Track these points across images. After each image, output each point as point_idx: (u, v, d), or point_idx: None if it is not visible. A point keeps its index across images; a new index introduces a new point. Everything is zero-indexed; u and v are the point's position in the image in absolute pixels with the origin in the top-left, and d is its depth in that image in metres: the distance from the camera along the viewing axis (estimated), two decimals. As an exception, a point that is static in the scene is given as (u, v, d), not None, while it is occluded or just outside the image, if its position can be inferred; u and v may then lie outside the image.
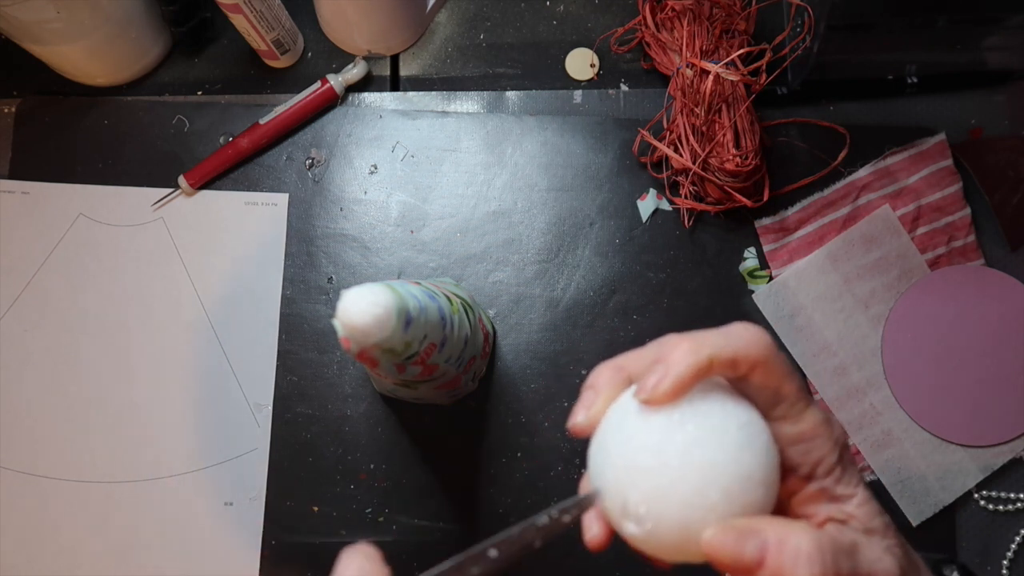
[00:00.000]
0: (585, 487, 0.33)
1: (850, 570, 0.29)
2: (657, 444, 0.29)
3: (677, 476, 0.29)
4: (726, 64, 0.59)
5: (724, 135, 0.60)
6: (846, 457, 0.32)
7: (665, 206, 0.66)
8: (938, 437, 0.63)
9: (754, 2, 0.65)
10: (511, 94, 0.69)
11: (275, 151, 0.67)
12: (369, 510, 0.62)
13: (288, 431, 0.63)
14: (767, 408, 0.32)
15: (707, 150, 0.61)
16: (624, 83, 0.69)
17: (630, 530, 0.30)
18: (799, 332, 0.64)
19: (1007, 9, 0.60)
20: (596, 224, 0.66)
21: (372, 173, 0.67)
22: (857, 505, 0.31)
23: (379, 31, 0.67)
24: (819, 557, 0.28)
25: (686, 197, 0.64)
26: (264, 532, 0.62)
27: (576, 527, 0.31)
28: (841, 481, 0.32)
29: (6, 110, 0.67)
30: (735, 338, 0.31)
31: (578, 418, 0.32)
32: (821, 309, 0.64)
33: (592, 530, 0.31)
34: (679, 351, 0.30)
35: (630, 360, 0.33)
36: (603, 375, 0.33)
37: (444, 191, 0.66)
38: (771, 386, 0.31)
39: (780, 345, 0.64)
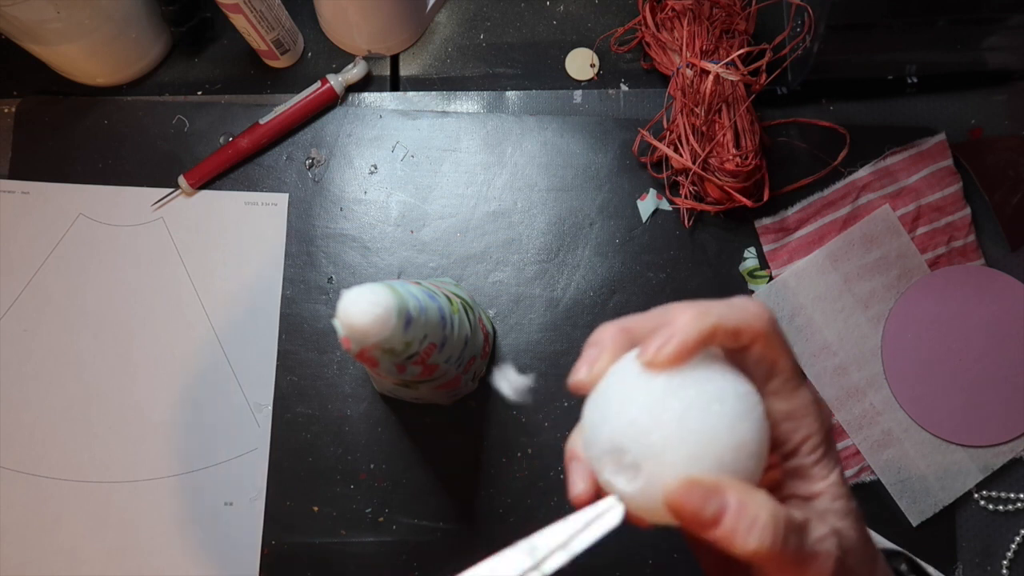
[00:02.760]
0: (573, 441, 0.33)
1: (797, 548, 0.29)
2: (657, 405, 0.30)
3: (674, 439, 0.29)
4: (726, 64, 0.60)
5: (724, 135, 0.60)
6: (830, 439, 0.33)
7: (665, 206, 0.66)
8: (938, 437, 0.63)
9: (754, 2, 0.65)
10: (511, 94, 0.69)
11: (275, 151, 0.67)
12: (369, 510, 0.62)
13: (288, 431, 0.63)
14: (762, 382, 0.32)
15: (707, 150, 0.61)
16: (624, 83, 0.69)
17: (620, 486, 0.30)
18: (799, 332, 0.64)
19: (1007, 9, 0.60)
20: (596, 224, 0.66)
21: (372, 173, 0.67)
22: (827, 485, 0.32)
23: (379, 31, 0.67)
24: (771, 530, 0.28)
25: (686, 197, 0.64)
26: (264, 532, 0.62)
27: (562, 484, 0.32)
28: (820, 462, 0.32)
29: (6, 110, 0.67)
30: (739, 309, 0.31)
31: (580, 374, 0.32)
32: (821, 309, 0.64)
33: (578, 486, 0.32)
34: (685, 316, 0.30)
35: (635, 322, 0.33)
36: (607, 332, 0.33)
37: (444, 191, 0.66)
38: (769, 360, 0.32)
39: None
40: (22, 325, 0.64)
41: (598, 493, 0.31)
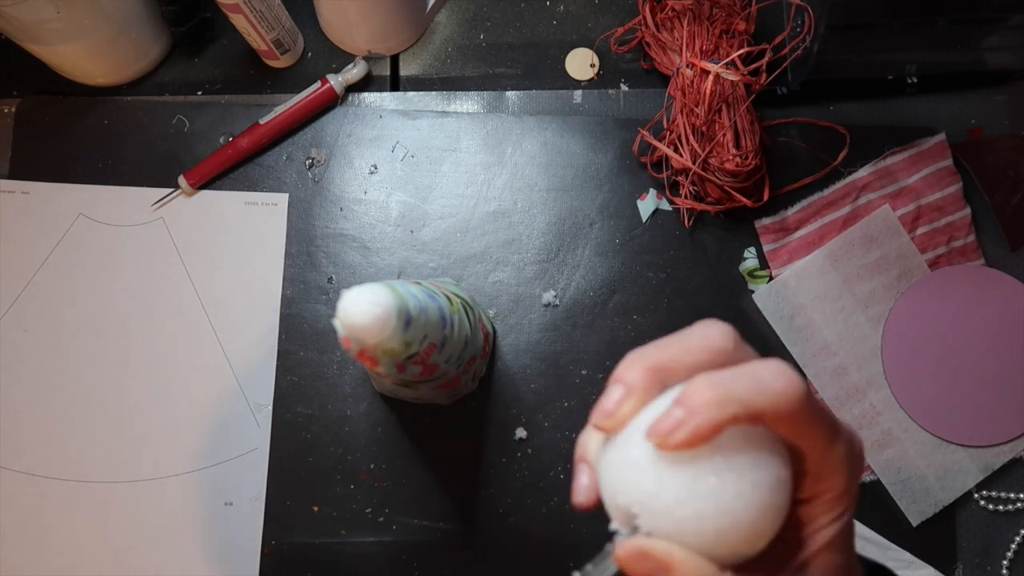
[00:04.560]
0: (583, 443, 0.31)
1: None
2: (674, 485, 0.28)
3: (683, 526, 0.28)
4: (726, 64, 0.60)
5: (724, 135, 0.60)
6: (852, 492, 0.30)
7: (665, 206, 0.66)
8: (938, 437, 0.63)
9: (754, 2, 0.65)
10: (511, 94, 0.69)
11: (275, 151, 0.67)
12: (369, 510, 0.62)
13: (288, 431, 0.63)
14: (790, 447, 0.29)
15: (707, 150, 0.61)
16: (624, 83, 0.69)
17: (624, 532, 0.29)
18: (799, 332, 0.64)
19: (1007, 9, 0.60)
20: (596, 224, 0.66)
21: (372, 173, 0.67)
22: (822, 535, 0.29)
23: (379, 31, 0.67)
24: None
25: (686, 197, 0.64)
26: (264, 532, 0.62)
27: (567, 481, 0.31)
28: (828, 512, 0.29)
29: (6, 110, 0.67)
30: (765, 389, 0.27)
31: (601, 419, 0.29)
32: (821, 309, 0.64)
33: (580, 494, 0.30)
34: (703, 396, 0.26)
35: (665, 357, 0.29)
36: (635, 372, 0.29)
37: (444, 191, 0.66)
38: (796, 441, 0.28)
39: (779, 345, 0.64)
40: (22, 325, 0.64)
41: (599, 501, 0.30)
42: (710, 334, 0.29)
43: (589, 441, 0.31)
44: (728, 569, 0.28)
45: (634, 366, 0.29)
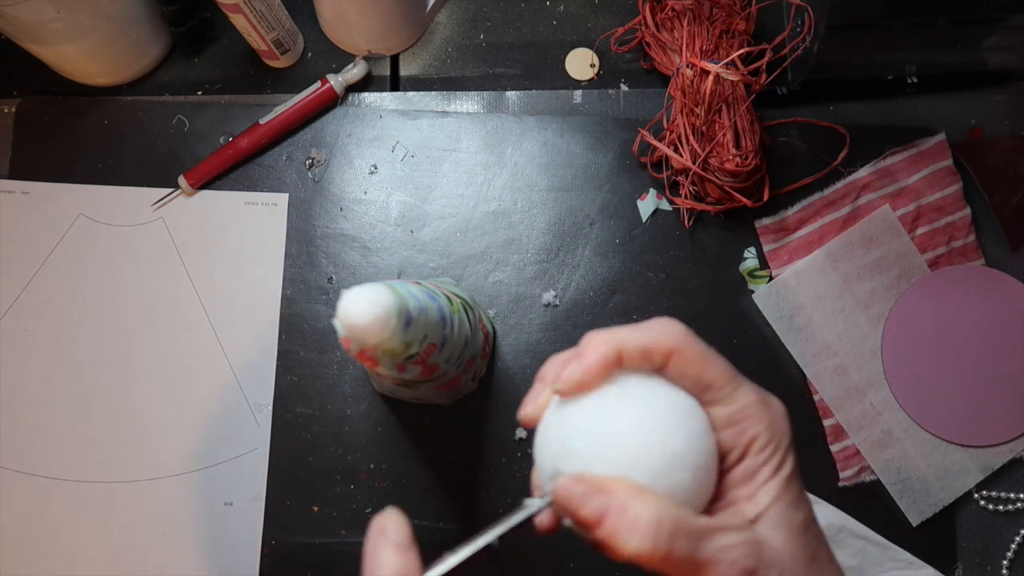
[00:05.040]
0: (544, 369, 0.35)
1: (687, 553, 0.29)
2: (587, 427, 0.31)
3: (605, 458, 0.30)
4: (726, 64, 0.59)
5: (724, 135, 0.60)
6: (780, 440, 0.32)
7: (665, 206, 0.66)
8: (938, 437, 0.63)
9: (754, 2, 0.65)
10: (511, 94, 0.69)
11: (275, 151, 0.67)
12: (369, 510, 0.62)
13: (288, 431, 0.63)
14: (697, 395, 0.33)
15: (707, 150, 0.61)
16: (624, 83, 0.69)
17: (548, 489, 0.32)
18: (799, 332, 0.64)
19: (1007, 9, 0.60)
20: (596, 224, 0.66)
21: (372, 173, 0.67)
22: (768, 489, 0.31)
23: (379, 31, 0.67)
24: (653, 531, 0.28)
25: (686, 197, 0.64)
26: (264, 532, 0.62)
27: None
28: (767, 463, 0.32)
29: (6, 110, 0.67)
30: (646, 330, 0.33)
31: (526, 410, 0.35)
32: (821, 309, 0.64)
33: (527, 407, 0.35)
34: (592, 344, 0.32)
35: (567, 353, 0.34)
36: (549, 367, 0.35)
37: (444, 191, 0.66)
38: (690, 374, 0.33)
39: (779, 345, 0.64)
40: (22, 325, 0.64)
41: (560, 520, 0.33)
42: (662, 323, 0.33)
43: (552, 364, 0.35)
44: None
45: (548, 363, 0.35)
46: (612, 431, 0.31)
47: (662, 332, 0.32)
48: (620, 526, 0.28)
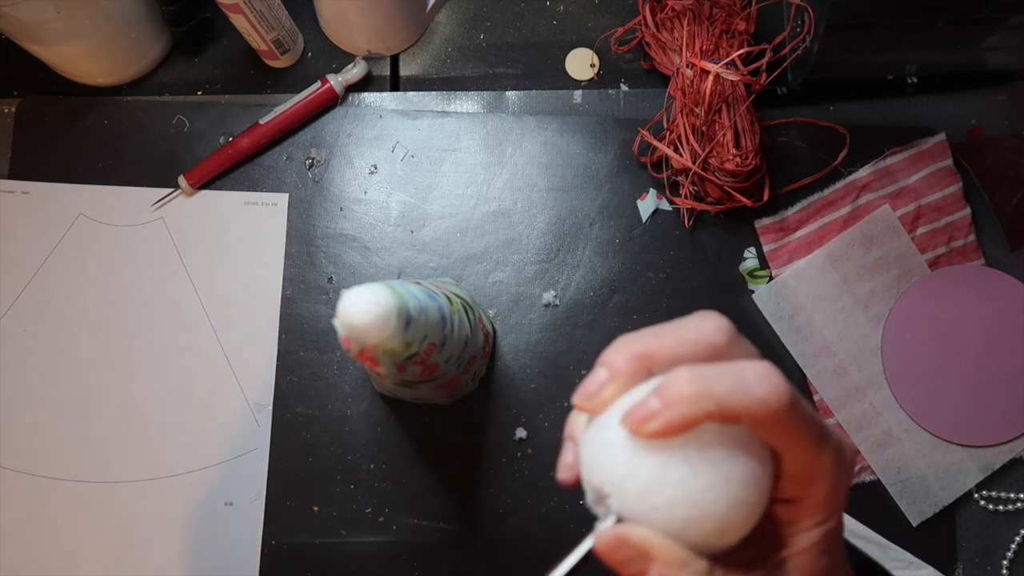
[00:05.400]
0: (571, 423, 0.32)
1: None
2: (645, 471, 0.28)
3: (652, 511, 0.28)
4: (726, 64, 0.59)
5: (724, 135, 0.60)
6: (837, 498, 0.29)
7: (665, 206, 0.66)
8: (938, 437, 0.63)
9: (754, 2, 0.65)
10: (511, 94, 0.69)
11: (275, 151, 0.67)
12: (369, 510, 0.62)
13: (288, 431, 0.63)
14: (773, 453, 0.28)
15: (707, 150, 0.61)
16: (624, 83, 0.69)
17: (598, 515, 0.30)
18: (799, 332, 0.64)
19: (1007, 9, 0.60)
20: (596, 224, 0.66)
21: (372, 173, 0.67)
22: (804, 539, 0.29)
23: (379, 31, 0.67)
24: None
25: (686, 197, 0.64)
26: (264, 532, 0.62)
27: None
28: (812, 516, 0.29)
29: (6, 110, 0.67)
30: (748, 389, 0.26)
31: (583, 399, 0.29)
32: (821, 309, 0.64)
33: (563, 472, 0.31)
34: (680, 387, 0.26)
35: (654, 345, 0.29)
36: (621, 357, 0.29)
37: (444, 191, 0.66)
38: (778, 446, 0.28)
39: (779, 345, 0.64)
40: (22, 325, 0.64)
41: (578, 480, 0.31)
42: (705, 327, 0.28)
43: (577, 420, 0.31)
44: (705, 558, 0.28)
45: (621, 351, 0.29)
46: (669, 492, 0.27)
47: (763, 399, 0.26)
48: None
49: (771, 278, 0.65)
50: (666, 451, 0.27)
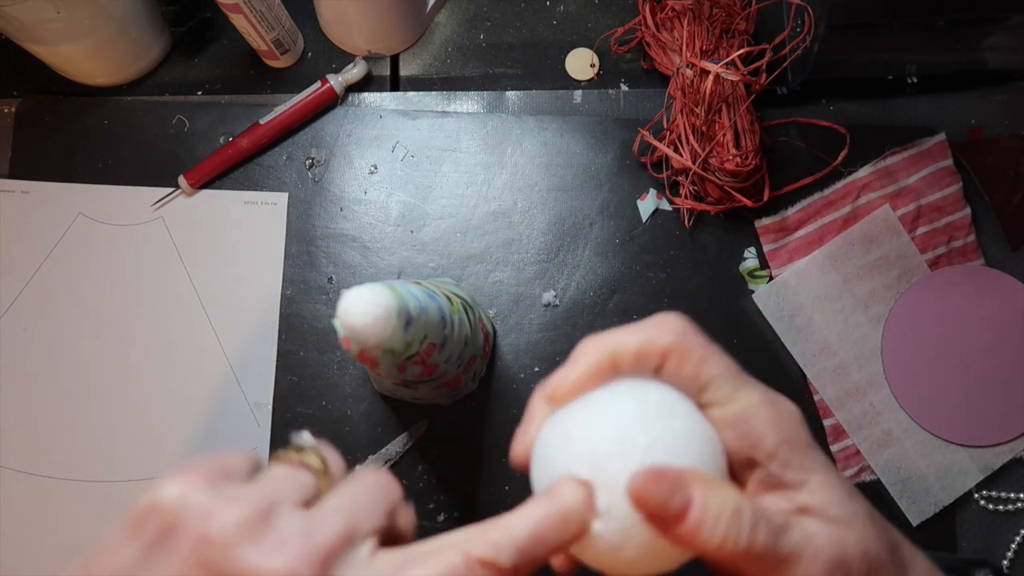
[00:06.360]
0: (535, 399, 0.34)
1: (767, 545, 0.27)
2: (577, 432, 0.30)
3: (630, 469, 0.29)
4: (726, 64, 0.59)
5: (724, 135, 0.60)
6: (795, 440, 0.30)
7: (665, 206, 0.66)
8: (938, 437, 0.63)
9: (754, 2, 0.65)
10: (511, 94, 0.69)
11: (275, 151, 0.67)
12: (369, 510, 0.62)
13: (288, 431, 0.63)
14: (694, 396, 0.31)
15: (707, 150, 0.61)
16: (624, 83, 0.69)
17: (596, 528, 0.29)
18: (799, 332, 0.64)
19: (1007, 9, 0.60)
20: (596, 224, 0.66)
21: (372, 173, 0.67)
22: (813, 492, 0.29)
23: (379, 31, 0.67)
24: (736, 524, 0.27)
25: (686, 197, 0.64)
26: (264, 532, 0.61)
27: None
28: (789, 469, 0.29)
29: (6, 110, 0.67)
30: (642, 331, 0.31)
31: (514, 450, 0.33)
32: (821, 309, 0.64)
33: (517, 448, 0.33)
34: (584, 349, 0.31)
35: (613, 342, 0.32)
36: (582, 354, 0.32)
37: (444, 191, 0.66)
38: (686, 373, 0.30)
39: (779, 345, 0.64)
40: (22, 325, 0.64)
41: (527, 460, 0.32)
42: (664, 324, 0.31)
43: (537, 404, 0.33)
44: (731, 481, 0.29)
45: (587, 347, 0.32)
46: (643, 446, 0.29)
47: (658, 331, 0.30)
48: (705, 520, 0.27)
49: (771, 278, 0.65)
50: (616, 416, 0.30)
